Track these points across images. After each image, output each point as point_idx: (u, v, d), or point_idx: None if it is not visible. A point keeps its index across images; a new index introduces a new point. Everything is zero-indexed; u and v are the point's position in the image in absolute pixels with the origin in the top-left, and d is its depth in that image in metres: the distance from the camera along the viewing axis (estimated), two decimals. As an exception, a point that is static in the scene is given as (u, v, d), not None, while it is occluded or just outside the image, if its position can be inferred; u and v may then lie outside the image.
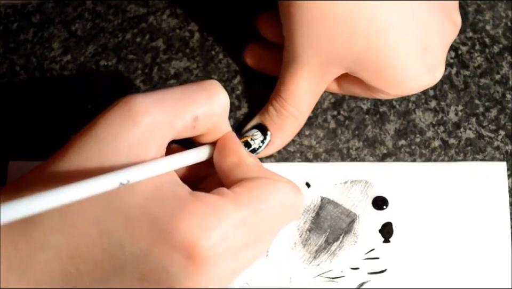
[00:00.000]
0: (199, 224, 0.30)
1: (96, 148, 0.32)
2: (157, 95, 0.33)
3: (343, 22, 0.39)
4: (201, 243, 0.30)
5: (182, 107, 0.34)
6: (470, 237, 0.44)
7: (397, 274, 0.44)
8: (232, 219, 0.31)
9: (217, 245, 0.30)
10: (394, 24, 0.39)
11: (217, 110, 0.35)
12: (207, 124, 0.35)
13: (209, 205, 0.31)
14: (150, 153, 0.32)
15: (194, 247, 0.30)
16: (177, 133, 0.34)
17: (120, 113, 0.32)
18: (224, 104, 0.36)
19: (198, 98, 0.34)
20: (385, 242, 0.45)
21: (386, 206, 0.45)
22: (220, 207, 0.31)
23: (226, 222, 0.31)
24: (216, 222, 0.31)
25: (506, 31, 0.49)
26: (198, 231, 0.30)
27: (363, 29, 0.39)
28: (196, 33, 0.50)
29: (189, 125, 0.34)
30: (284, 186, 0.34)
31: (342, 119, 0.48)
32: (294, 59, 0.42)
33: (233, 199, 0.32)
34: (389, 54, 0.40)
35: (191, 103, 0.34)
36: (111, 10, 0.51)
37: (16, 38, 0.50)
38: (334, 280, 0.44)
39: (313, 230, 0.45)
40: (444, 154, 0.47)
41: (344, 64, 0.41)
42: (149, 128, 0.32)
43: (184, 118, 0.34)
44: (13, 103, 0.48)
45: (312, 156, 0.47)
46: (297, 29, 0.40)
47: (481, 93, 0.48)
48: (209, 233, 0.30)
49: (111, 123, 0.32)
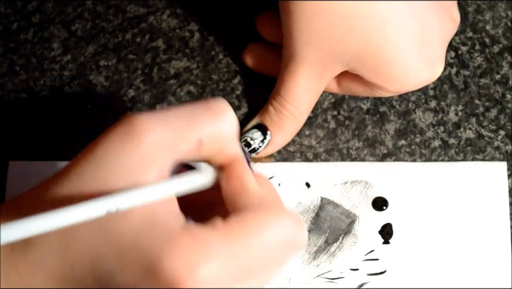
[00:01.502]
0: (186, 260, 0.29)
1: (96, 170, 0.31)
2: (160, 115, 0.32)
3: (341, 17, 0.39)
4: (188, 280, 0.29)
5: (185, 128, 0.32)
6: (470, 238, 0.44)
7: (397, 275, 0.44)
8: (221, 255, 0.30)
9: (205, 282, 0.29)
10: (391, 19, 0.39)
11: (224, 132, 0.33)
12: (213, 147, 0.33)
13: (198, 241, 0.30)
14: (149, 177, 0.31)
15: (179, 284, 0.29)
16: (181, 157, 0.32)
17: (121, 134, 0.31)
18: (231, 126, 0.33)
19: (203, 119, 0.32)
20: (385, 243, 0.44)
21: (386, 206, 0.45)
22: (209, 243, 0.30)
23: (215, 259, 0.30)
24: (204, 258, 0.29)
25: (506, 31, 0.49)
26: (185, 268, 0.29)
27: (361, 25, 0.39)
28: (196, 33, 0.50)
29: (193, 147, 0.32)
30: (283, 219, 0.32)
31: (342, 119, 0.48)
32: (293, 57, 0.42)
33: (224, 233, 0.30)
34: (387, 49, 0.40)
35: (195, 124, 0.32)
36: (111, 10, 0.50)
37: (16, 38, 0.50)
38: (333, 281, 0.44)
39: (313, 230, 0.45)
40: (443, 154, 0.47)
41: (343, 60, 0.41)
42: (150, 151, 0.31)
43: (187, 140, 0.32)
44: (13, 103, 0.48)
45: (312, 156, 0.47)
46: (296, 25, 0.40)
47: (481, 93, 0.48)
48: (196, 270, 0.29)
49: (112, 145, 0.31)
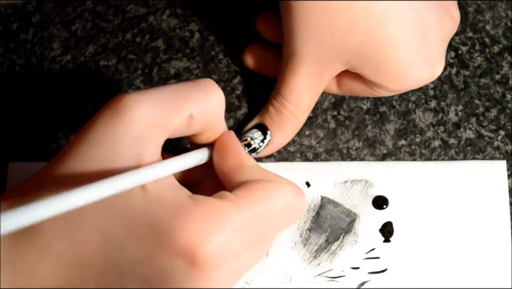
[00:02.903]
0: (201, 228, 0.30)
1: (93, 150, 0.31)
2: (150, 92, 0.33)
3: (342, 14, 0.39)
4: (203, 248, 0.29)
5: (176, 105, 0.33)
6: (470, 236, 0.44)
7: (398, 274, 0.44)
8: (234, 222, 0.31)
9: (220, 250, 0.30)
10: (392, 16, 0.39)
11: (212, 108, 0.35)
12: (203, 122, 0.35)
13: (211, 209, 0.31)
14: (147, 153, 0.32)
15: (196, 252, 0.29)
16: (172, 132, 0.33)
17: (112, 111, 0.32)
18: (220, 102, 0.35)
19: (193, 96, 0.34)
20: (385, 241, 0.44)
21: (386, 205, 0.45)
22: (222, 211, 0.31)
23: (228, 226, 0.31)
24: (219, 227, 0.30)
25: (506, 31, 0.49)
26: (200, 236, 0.30)
27: (361, 21, 0.39)
28: (196, 33, 0.50)
29: (184, 123, 0.33)
30: (287, 188, 0.34)
31: (342, 119, 0.48)
32: (294, 56, 0.42)
33: (235, 202, 0.32)
34: (388, 46, 0.40)
35: (185, 101, 0.33)
36: (111, 10, 0.50)
37: (16, 38, 0.50)
38: (334, 279, 0.44)
39: (314, 229, 0.45)
40: (443, 154, 0.47)
41: (343, 58, 0.41)
42: (143, 127, 0.32)
43: (179, 116, 0.33)
44: (13, 103, 0.48)
45: (312, 156, 0.47)
46: (297, 22, 0.40)
47: (481, 93, 0.48)
48: (211, 238, 0.30)
49: (105, 123, 0.32)
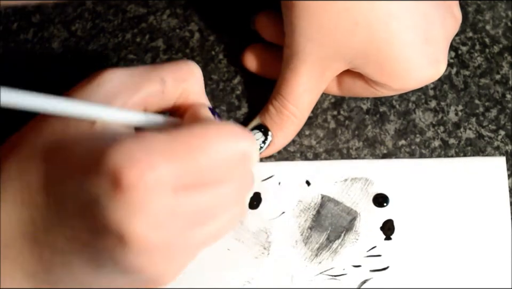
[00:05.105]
0: (128, 153, 0.29)
1: None
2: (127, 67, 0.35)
3: (345, 12, 0.39)
4: (127, 170, 0.29)
5: (147, 71, 0.35)
6: (471, 232, 0.44)
7: (399, 271, 0.44)
8: (163, 150, 0.30)
9: (145, 174, 0.29)
10: (396, 14, 0.39)
11: (186, 76, 0.36)
12: (177, 90, 0.36)
13: (142, 139, 0.30)
14: None
15: (119, 173, 0.29)
16: (145, 97, 0.35)
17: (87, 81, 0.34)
18: (193, 72, 0.36)
19: (164, 65, 0.36)
20: (386, 239, 0.44)
21: (386, 203, 0.45)
22: (153, 139, 0.30)
23: (156, 152, 0.30)
24: (146, 151, 0.30)
25: (506, 31, 0.49)
26: (125, 158, 0.29)
27: (365, 19, 0.39)
28: (196, 33, 0.50)
29: (155, 88, 0.35)
30: (228, 132, 0.32)
31: (342, 119, 0.48)
32: (295, 55, 0.42)
33: (169, 135, 0.31)
34: (391, 44, 0.40)
35: (157, 68, 0.35)
36: (111, 10, 0.51)
37: (16, 38, 0.50)
38: (336, 278, 0.44)
39: (314, 228, 0.45)
40: (443, 154, 0.46)
41: (346, 57, 0.41)
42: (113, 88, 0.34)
43: (150, 79, 0.35)
44: (12, 103, 0.48)
45: (312, 156, 0.47)
46: (299, 21, 0.40)
47: (481, 93, 0.48)
48: (136, 161, 0.29)
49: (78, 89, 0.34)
